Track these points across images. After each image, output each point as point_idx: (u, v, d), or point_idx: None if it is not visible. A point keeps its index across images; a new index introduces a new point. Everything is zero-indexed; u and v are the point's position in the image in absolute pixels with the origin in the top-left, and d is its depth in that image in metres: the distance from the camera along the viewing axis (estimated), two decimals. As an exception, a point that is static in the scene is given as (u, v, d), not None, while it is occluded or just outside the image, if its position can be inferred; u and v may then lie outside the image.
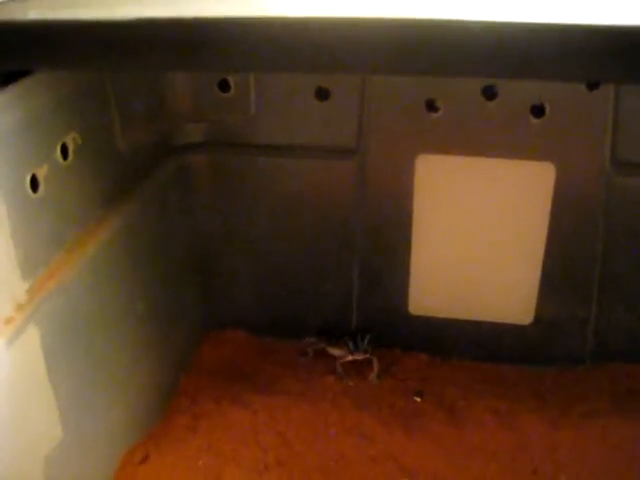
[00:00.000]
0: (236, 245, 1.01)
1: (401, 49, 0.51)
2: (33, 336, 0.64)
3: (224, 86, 0.93)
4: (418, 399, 0.93)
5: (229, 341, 1.04)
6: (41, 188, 0.66)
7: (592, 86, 0.85)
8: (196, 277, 1.02)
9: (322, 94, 0.91)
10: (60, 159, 0.70)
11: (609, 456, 0.82)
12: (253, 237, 1.00)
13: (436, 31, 0.49)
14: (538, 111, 0.87)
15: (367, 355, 0.95)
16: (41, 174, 0.67)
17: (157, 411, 0.90)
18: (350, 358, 0.96)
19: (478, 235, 0.94)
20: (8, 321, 0.62)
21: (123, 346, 0.82)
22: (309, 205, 0.97)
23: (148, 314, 0.87)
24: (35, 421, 0.66)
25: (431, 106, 0.89)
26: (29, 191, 0.65)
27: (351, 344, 0.94)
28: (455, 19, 0.48)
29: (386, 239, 0.96)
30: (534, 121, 0.87)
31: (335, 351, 0.97)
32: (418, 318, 1.00)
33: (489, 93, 0.87)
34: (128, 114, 0.83)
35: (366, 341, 0.94)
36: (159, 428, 0.88)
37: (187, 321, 1.01)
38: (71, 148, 0.72)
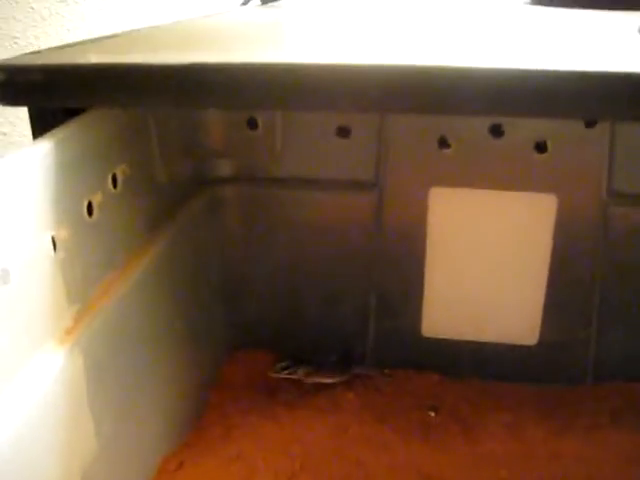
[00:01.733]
0: (260, 271, 1.07)
1: (412, 92, 0.59)
2: (88, 347, 0.70)
3: (252, 124, 1.00)
4: (432, 414, 0.98)
5: (253, 360, 1.08)
6: (95, 213, 0.73)
7: (589, 124, 0.93)
8: (224, 300, 1.08)
9: (343, 132, 0.98)
10: (111, 188, 0.77)
11: (610, 461, 0.88)
12: (276, 264, 1.06)
13: (443, 77, 0.58)
14: (541, 147, 0.94)
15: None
16: (96, 200, 0.73)
17: (190, 423, 0.96)
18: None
19: (487, 262, 1.00)
20: (69, 332, 0.68)
21: (163, 362, 0.88)
22: (330, 235, 1.03)
23: (184, 333, 0.93)
24: (77, 431, 0.70)
25: (443, 143, 0.96)
26: (86, 215, 0.71)
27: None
28: (459, 66, 0.56)
29: (401, 266, 1.03)
30: (537, 156, 0.95)
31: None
32: (430, 340, 1.05)
33: (496, 131, 0.94)
34: (167, 150, 0.90)
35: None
36: (192, 438, 0.93)
37: (216, 340, 1.06)
38: (120, 178, 0.78)
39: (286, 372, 1.02)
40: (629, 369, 1.02)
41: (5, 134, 1.84)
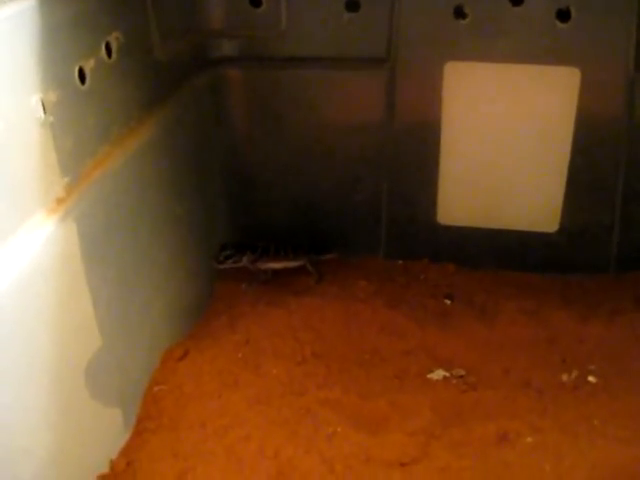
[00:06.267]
0: (266, 156, 1.03)
1: None
2: (81, 218, 0.67)
3: (256, 1, 0.95)
4: (448, 301, 0.95)
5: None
6: (88, 81, 0.70)
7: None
8: (228, 187, 1.04)
9: (352, 5, 0.93)
10: (105, 56, 0.73)
11: (635, 346, 0.85)
12: (283, 148, 1.01)
13: None
14: (564, 15, 0.88)
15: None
16: (88, 67, 0.70)
17: (195, 314, 0.94)
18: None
19: (505, 143, 0.95)
20: (60, 201, 0.65)
21: (163, 245, 0.85)
22: (339, 117, 0.99)
23: (185, 217, 0.90)
24: (74, 304, 0.68)
25: (459, 13, 0.90)
26: (77, 82, 0.68)
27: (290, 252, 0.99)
28: None
29: (415, 149, 0.98)
30: (560, 26, 0.88)
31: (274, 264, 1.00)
32: (446, 228, 1.01)
33: (516, -2, 0.88)
34: (165, 25, 0.86)
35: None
36: (197, 329, 0.91)
37: (219, 229, 1.03)
38: (114, 47, 0.75)
39: (231, 261, 0.97)
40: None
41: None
